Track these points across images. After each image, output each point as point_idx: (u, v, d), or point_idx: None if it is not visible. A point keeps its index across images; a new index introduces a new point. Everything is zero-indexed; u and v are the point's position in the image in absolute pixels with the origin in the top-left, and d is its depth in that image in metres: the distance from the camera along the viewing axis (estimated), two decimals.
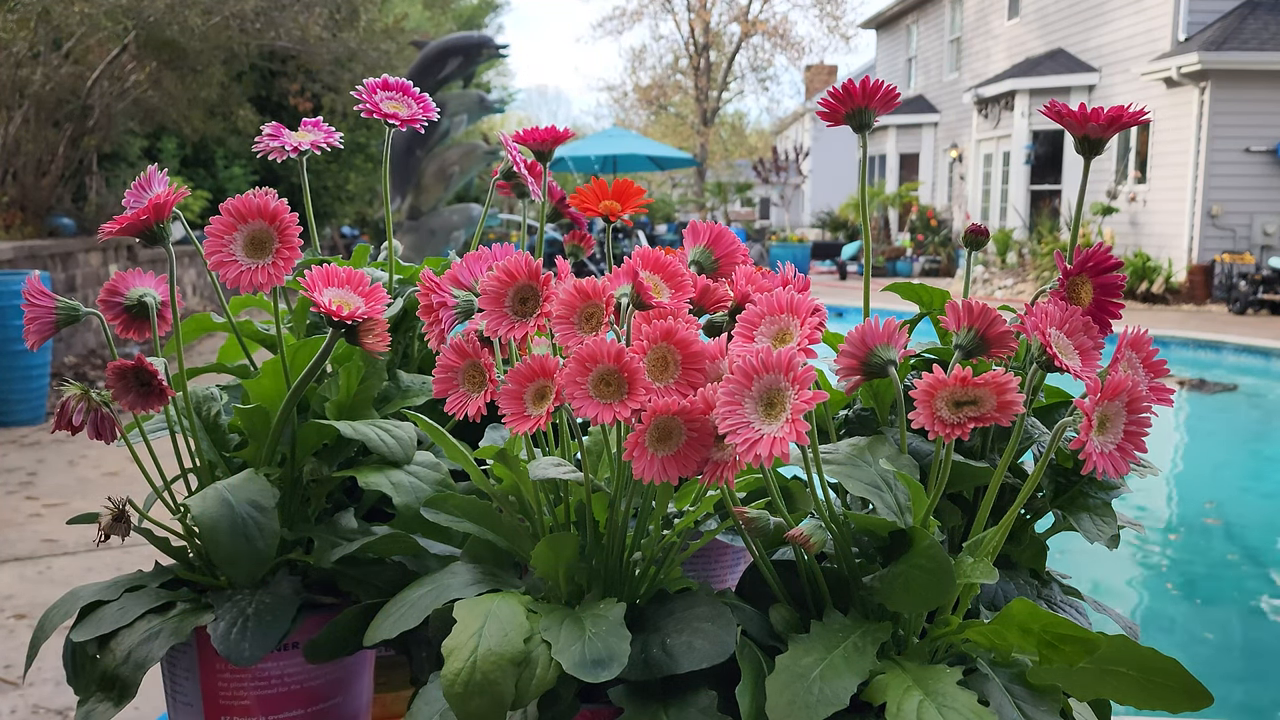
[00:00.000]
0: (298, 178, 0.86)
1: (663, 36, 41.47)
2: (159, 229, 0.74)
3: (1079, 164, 12.89)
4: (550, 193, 0.88)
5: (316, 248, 0.90)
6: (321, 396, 0.82)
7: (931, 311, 0.81)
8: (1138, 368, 0.63)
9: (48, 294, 0.76)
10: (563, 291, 0.65)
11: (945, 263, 17.02)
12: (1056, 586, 0.75)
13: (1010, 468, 0.72)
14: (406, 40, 11.86)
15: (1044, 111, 0.72)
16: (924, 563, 0.60)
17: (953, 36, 19.07)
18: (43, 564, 3.35)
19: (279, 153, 0.82)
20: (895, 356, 0.64)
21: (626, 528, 0.68)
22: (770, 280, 0.71)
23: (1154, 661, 0.57)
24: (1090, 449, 0.58)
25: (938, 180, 19.36)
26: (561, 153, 14.44)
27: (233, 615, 0.71)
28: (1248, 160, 12.33)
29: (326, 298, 0.69)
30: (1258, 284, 11.50)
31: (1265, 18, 12.44)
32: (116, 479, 4.35)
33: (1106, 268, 0.67)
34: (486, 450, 0.71)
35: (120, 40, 8.12)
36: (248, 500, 0.73)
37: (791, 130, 31.42)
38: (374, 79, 0.85)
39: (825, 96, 0.72)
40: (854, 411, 0.79)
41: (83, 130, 8.37)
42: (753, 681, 0.59)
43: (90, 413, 0.74)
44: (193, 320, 0.90)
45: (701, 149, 26.75)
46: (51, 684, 2.50)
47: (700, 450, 0.60)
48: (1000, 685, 0.61)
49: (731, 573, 0.92)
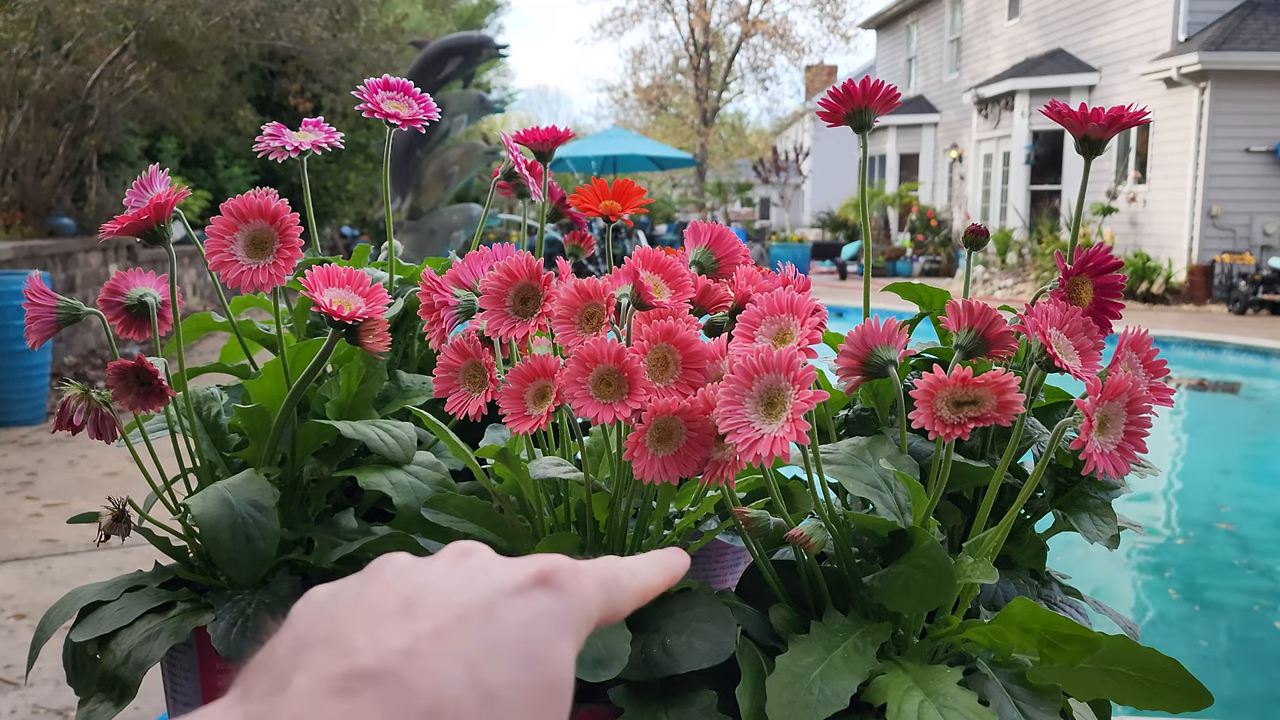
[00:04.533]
0: (297, 178, 0.86)
1: (663, 37, 41.47)
2: (160, 229, 0.74)
3: (1079, 164, 12.89)
4: (550, 193, 0.88)
5: (317, 248, 0.90)
6: (322, 397, 0.82)
7: (931, 311, 0.81)
8: (1138, 368, 0.63)
9: (49, 293, 0.76)
10: (563, 291, 0.65)
11: (945, 263, 17.02)
12: (1056, 586, 0.75)
13: (1010, 468, 0.72)
14: (406, 40, 11.86)
15: (1044, 111, 0.72)
16: (924, 563, 0.60)
17: (953, 36, 19.06)
18: (43, 564, 3.35)
19: (279, 153, 0.82)
20: (895, 356, 0.64)
21: (627, 528, 0.68)
22: (770, 280, 0.71)
23: (1154, 661, 0.57)
24: (1091, 449, 0.58)
25: (938, 180, 19.36)
26: (561, 153, 14.44)
27: (233, 615, 0.71)
28: (1248, 160, 12.33)
29: (327, 298, 0.69)
30: (1258, 284, 11.50)
31: (1265, 18, 12.44)
32: (116, 479, 4.35)
33: (1106, 268, 0.67)
34: (487, 450, 0.71)
35: (120, 40, 8.12)
36: (248, 500, 0.73)
37: (791, 130, 31.43)
38: (375, 79, 0.85)
39: (825, 97, 0.72)
40: (854, 411, 0.79)
41: (83, 130, 8.37)
42: (753, 682, 0.59)
43: (90, 413, 0.75)
44: (193, 320, 0.90)
45: (701, 149, 26.74)
46: (51, 684, 2.50)
47: (700, 450, 0.60)
48: (1000, 685, 0.61)
49: (731, 573, 0.92)
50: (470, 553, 0.32)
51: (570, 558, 0.33)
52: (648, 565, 0.36)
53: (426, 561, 0.31)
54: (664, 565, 0.37)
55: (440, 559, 0.31)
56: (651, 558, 0.37)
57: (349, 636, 0.28)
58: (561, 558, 0.32)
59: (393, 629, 0.28)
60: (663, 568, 0.37)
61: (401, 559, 0.32)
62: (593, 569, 0.33)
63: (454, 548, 0.32)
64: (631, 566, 0.35)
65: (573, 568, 0.32)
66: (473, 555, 0.32)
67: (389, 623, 0.28)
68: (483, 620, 0.28)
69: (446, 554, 0.32)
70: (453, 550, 0.32)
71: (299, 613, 0.30)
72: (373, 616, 0.28)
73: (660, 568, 0.37)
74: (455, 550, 0.32)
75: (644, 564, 0.36)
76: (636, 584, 0.35)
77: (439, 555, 0.32)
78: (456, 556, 0.31)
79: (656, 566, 0.36)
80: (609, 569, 0.34)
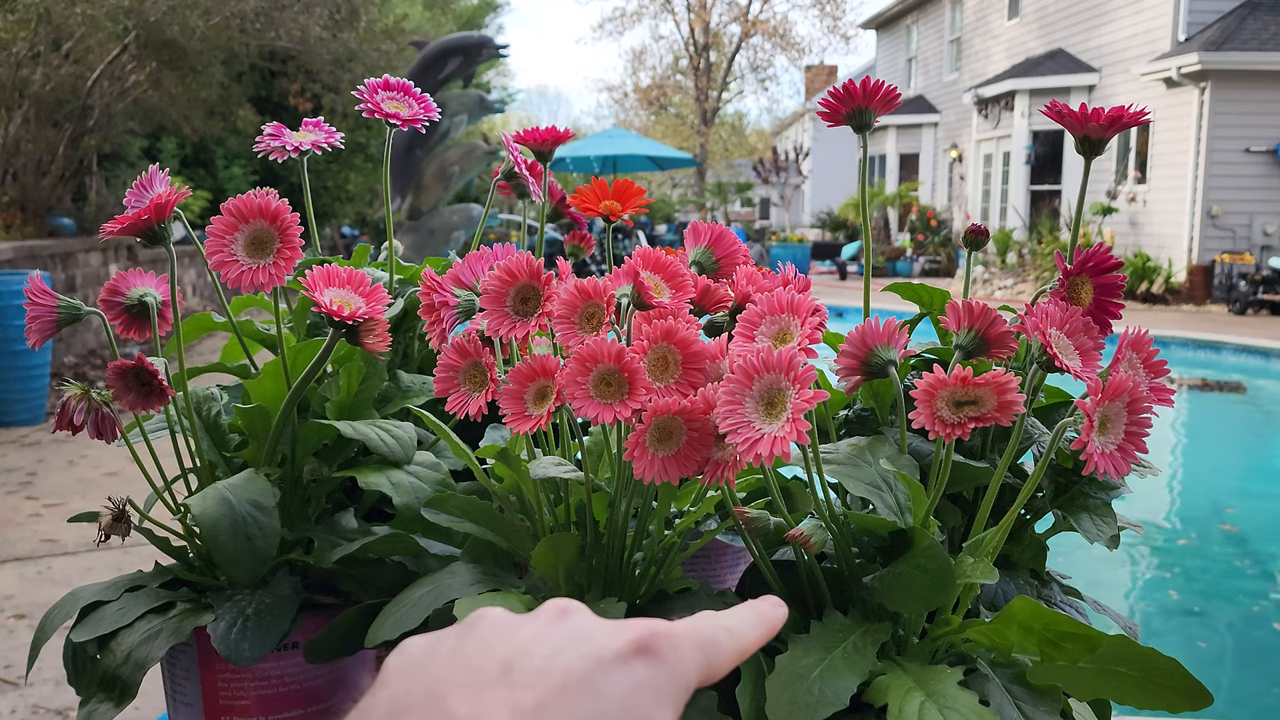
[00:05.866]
0: (297, 178, 0.86)
1: (663, 37, 41.46)
2: (160, 229, 0.74)
3: (1079, 164, 12.90)
4: (550, 193, 0.88)
5: (317, 248, 0.90)
6: (322, 397, 0.82)
7: (931, 311, 0.81)
8: (1138, 368, 0.63)
9: (50, 293, 0.76)
10: (564, 291, 0.65)
11: (945, 263, 17.02)
12: (1056, 587, 0.75)
13: (1010, 468, 0.72)
14: (406, 40, 11.86)
15: (1045, 112, 0.72)
16: (924, 563, 0.60)
17: (953, 37, 19.07)
18: (43, 564, 3.35)
19: (280, 153, 0.82)
20: (895, 356, 0.64)
21: (627, 528, 0.68)
22: (770, 280, 0.71)
23: (1154, 661, 0.57)
24: (1091, 449, 0.58)
25: (938, 180, 19.36)
26: (562, 153, 14.44)
27: (233, 615, 0.71)
28: (1248, 160, 12.33)
29: (327, 298, 0.69)
30: (1258, 284, 11.50)
31: (1265, 18, 12.44)
32: (116, 479, 4.35)
33: (1107, 268, 0.67)
34: (488, 450, 0.71)
35: (120, 40, 8.12)
36: (248, 500, 0.73)
37: (791, 130, 31.43)
38: (375, 79, 0.85)
39: (825, 97, 0.72)
40: (854, 411, 0.79)
41: (83, 130, 8.37)
42: (752, 682, 0.59)
43: (91, 413, 0.75)
44: (193, 320, 0.90)
45: (701, 149, 26.73)
46: (51, 684, 2.50)
47: (701, 450, 0.60)
48: (1000, 685, 0.61)
49: (731, 573, 0.92)
50: (568, 613, 0.31)
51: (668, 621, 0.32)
52: (746, 622, 0.35)
53: (525, 619, 0.31)
54: (761, 619, 0.36)
55: (538, 618, 0.31)
56: (748, 612, 0.36)
57: (449, 704, 0.27)
58: (661, 623, 0.31)
59: (493, 698, 0.27)
60: (759, 621, 0.36)
61: (498, 615, 0.31)
62: (691, 632, 0.32)
63: (553, 607, 0.31)
64: (730, 624, 0.34)
65: (671, 634, 0.31)
66: (570, 616, 0.31)
67: (488, 689, 0.27)
68: (583, 692, 0.28)
69: (545, 613, 0.31)
70: (551, 610, 0.31)
71: (394, 669, 0.30)
72: (471, 680, 0.28)
73: (757, 621, 0.36)
74: (554, 610, 0.31)
75: (741, 621, 0.35)
76: (734, 644, 0.34)
77: (537, 613, 0.31)
78: (556, 616, 0.31)
79: (753, 621, 0.35)
80: (706, 630, 0.33)
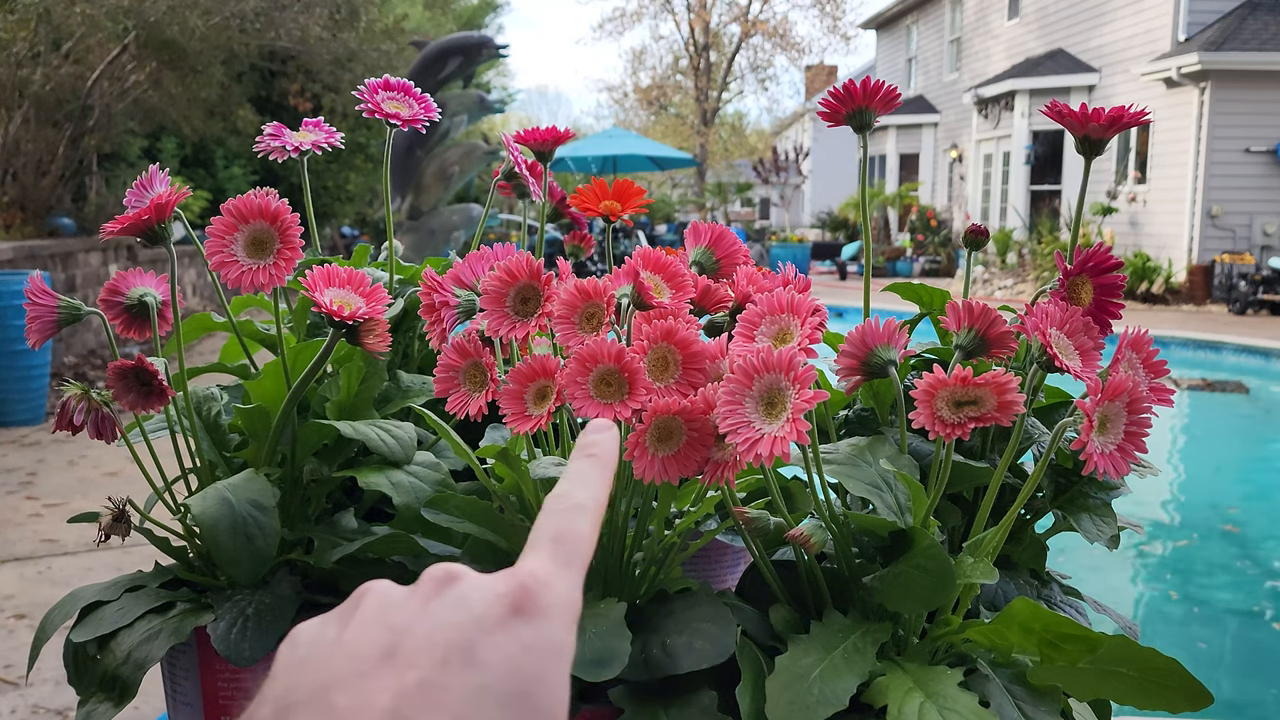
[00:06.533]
0: (297, 178, 0.86)
1: (663, 37, 41.47)
2: (160, 229, 0.74)
3: (1079, 164, 12.89)
4: (551, 193, 0.88)
5: (317, 248, 0.90)
6: (322, 397, 0.82)
7: (931, 311, 0.81)
8: (1138, 368, 0.63)
9: (50, 293, 0.76)
10: (564, 291, 0.65)
11: (945, 263, 17.01)
12: (1056, 587, 0.75)
13: (1010, 468, 0.72)
14: (406, 40, 11.86)
15: (1045, 112, 0.72)
16: (924, 563, 0.60)
17: (953, 37, 19.06)
18: (43, 564, 3.35)
19: (280, 153, 0.82)
20: (895, 356, 0.64)
21: (627, 528, 0.68)
22: (770, 280, 0.71)
23: (1154, 661, 0.57)
24: (1091, 449, 0.58)
25: (938, 180, 19.35)
26: (562, 153, 14.44)
27: (233, 615, 0.71)
28: (1247, 160, 12.33)
29: (328, 298, 0.69)
30: (1258, 284, 11.50)
31: (1265, 18, 12.44)
32: (116, 479, 4.35)
33: (1107, 268, 0.67)
34: (488, 449, 0.71)
35: (120, 40, 8.11)
36: (248, 500, 0.73)
37: (791, 130, 31.42)
38: (375, 79, 0.85)
39: (826, 97, 0.72)
40: (854, 411, 0.79)
41: (83, 130, 8.36)
42: (753, 682, 0.59)
43: (91, 413, 0.75)
44: (193, 320, 0.90)
45: (701, 149, 26.73)
46: (51, 684, 2.50)
47: (701, 450, 0.60)
48: (1001, 686, 0.61)
49: (731, 573, 0.92)
50: (449, 580, 0.30)
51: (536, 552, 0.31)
52: (589, 485, 0.34)
53: (407, 593, 0.30)
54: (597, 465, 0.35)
55: (420, 590, 0.30)
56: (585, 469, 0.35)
57: (331, 699, 0.27)
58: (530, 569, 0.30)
59: (376, 685, 0.27)
60: (598, 469, 0.35)
61: (381, 589, 0.31)
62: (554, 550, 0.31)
63: (433, 576, 0.31)
64: (576, 501, 0.33)
65: (544, 578, 0.30)
66: (451, 584, 0.30)
67: (371, 677, 0.27)
68: (465, 664, 0.27)
69: (426, 584, 0.30)
70: (432, 579, 0.30)
71: (282, 664, 0.30)
72: (354, 668, 0.28)
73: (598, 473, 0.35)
74: (434, 579, 0.30)
75: (584, 485, 0.34)
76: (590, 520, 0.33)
77: (419, 585, 0.31)
78: (436, 587, 0.30)
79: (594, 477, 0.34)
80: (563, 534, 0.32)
